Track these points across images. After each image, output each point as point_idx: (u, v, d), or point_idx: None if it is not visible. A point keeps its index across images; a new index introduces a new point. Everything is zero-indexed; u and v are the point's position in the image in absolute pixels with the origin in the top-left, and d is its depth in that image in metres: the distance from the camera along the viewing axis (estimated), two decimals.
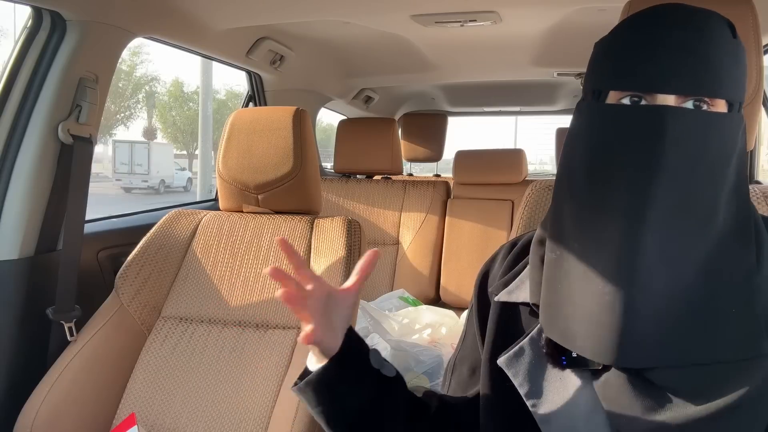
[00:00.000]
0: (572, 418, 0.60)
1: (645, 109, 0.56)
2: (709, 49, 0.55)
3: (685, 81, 0.55)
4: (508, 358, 0.64)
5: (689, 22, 0.56)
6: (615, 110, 0.58)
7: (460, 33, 1.84)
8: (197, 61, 14.25)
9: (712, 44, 0.55)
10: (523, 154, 2.50)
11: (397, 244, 2.30)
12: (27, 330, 1.19)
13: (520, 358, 0.64)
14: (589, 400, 0.59)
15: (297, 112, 1.29)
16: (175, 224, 1.33)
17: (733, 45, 0.57)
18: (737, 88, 0.57)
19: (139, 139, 23.80)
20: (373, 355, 0.67)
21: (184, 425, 1.12)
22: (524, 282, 0.69)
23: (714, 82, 0.55)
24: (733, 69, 0.56)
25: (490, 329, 0.69)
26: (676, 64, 0.55)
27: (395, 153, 2.45)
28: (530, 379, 0.63)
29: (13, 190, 1.19)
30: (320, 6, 1.50)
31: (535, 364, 0.63)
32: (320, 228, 1.27)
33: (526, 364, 0.63)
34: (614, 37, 0.61)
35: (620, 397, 0.56)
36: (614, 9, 0.83)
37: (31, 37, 1.21)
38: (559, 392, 0.61)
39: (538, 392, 0.62)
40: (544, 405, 0.61)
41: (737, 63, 0.57)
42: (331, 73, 2.45)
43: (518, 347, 0.64)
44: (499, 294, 0.70)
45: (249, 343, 1.18)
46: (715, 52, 0.55)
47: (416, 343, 1.52)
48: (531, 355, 0.64)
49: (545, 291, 0.62)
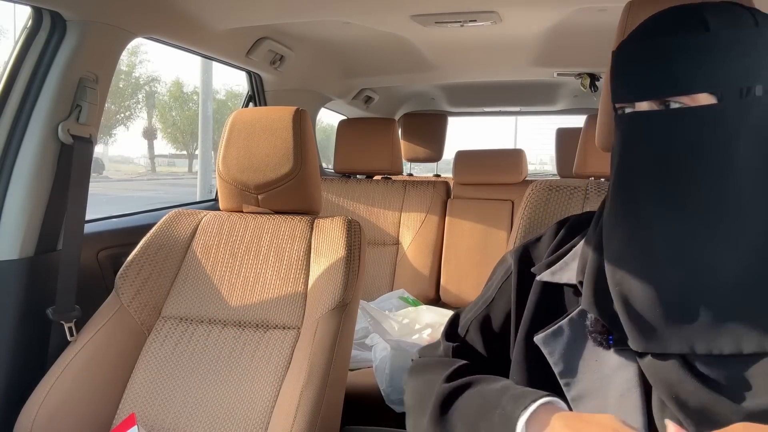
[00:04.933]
0: (605, 398, 0.60)
1: (628, 117, 0.60)
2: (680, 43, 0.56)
3: (647, 85, 0.58)
4: (546, 336, 0.65)
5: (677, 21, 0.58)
6: (626, 120, 0.61)
7: (460, 33, 1.84)
8: (197, 61, 14.28)
9: (687, 38, 0.56)
10: (523, 154, 2.50)
11: (397, 244, 2.30)
12: (27, 330, 1.19)
13: (558, 337, 0.65)
14: (623, 382, 0.60)
15: (297, 112, 1.29)
16: (175, 224, 1.33)
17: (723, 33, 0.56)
18: (728, 77, 0.56)
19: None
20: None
21: (184, 425, 1.12)
22: (568, 264, 0.69)
23: (679, 79, 0.56)
24: (716, 57, 0.56)
25: (530, 307, 0.70)
26: (645, 71, 0.58)
27: (395, 153, 2.45)
28: (566, 358, 0.64)
29: (13, 190, 1.19)
30: (320, 6, 1.50)
31: (572, 344, 0.64)
32: (320, 228, 1.27)
33: (564, 344, 0.64)
34: (618, 48, 0.63)
35: (669, 375, 0.56)
36: (614, 9, 0.84)
37: (31, 37, 1.21)
38: (593, 373, 0.62)
39: (573, 372, 0.63)
40: (577, 385, 0.62)
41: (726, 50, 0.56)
42: (331, 73, 2.45)
43: (557, 326, 0.65)
44: (542, 274, 0.71)
45: (249, 343, 1.18)
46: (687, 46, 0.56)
47: (416, 343, 1.52)
48: (569, 335, 0.64)
49: (601, 274, 0.62)
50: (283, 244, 1.28)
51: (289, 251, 1.27)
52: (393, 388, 1.65)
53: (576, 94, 3.09)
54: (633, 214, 0.59)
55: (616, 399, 0.60)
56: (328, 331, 1.12)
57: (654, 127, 0.57)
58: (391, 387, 1.65)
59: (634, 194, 0.59)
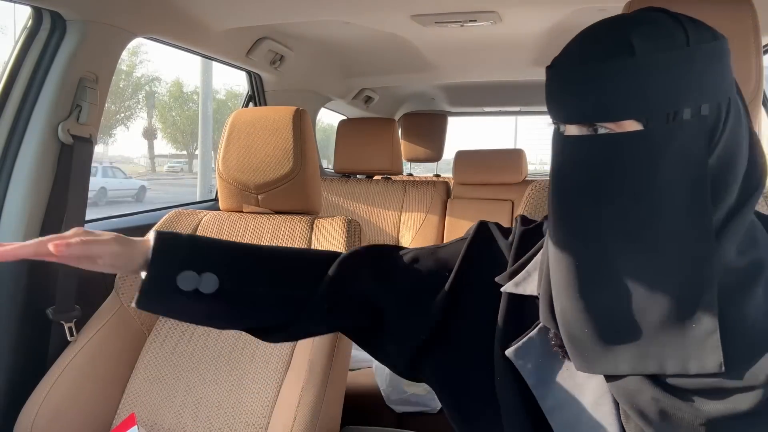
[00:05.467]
0: (579, 408, 0.60)
1: (556, 138, 0.61)
2: (609, 68, 0.54)
3: (575, 109, 0.57)
4: (517, 349, 0.65)
5: (602, 44, 0.57)
6: (554, 138, 0.62)
7: (460, 33, 1.84)
8: (197, 61, 14.27)
9: (615, 62, 0.54)
10: (523, 154, 2.50)
11: (397, 244, 2.30)
12: (27, 330, 1.19)
13: (529, 348, 0.64)
14: (596, 392, 0.60)
15: (297, 112, 1.29)
16: (176, 224, 1.33)
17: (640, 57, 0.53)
18: (648, 102, 0.54)
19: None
20: (183, 278, 0.70)
21: (184, 425, 1.12)
22: (531, 274, 0.69)
23: (605, 105, 0.55)
24: (641, 84, 0.54)
25: (500, 318, 0.70)
26: (569, 93, 0.57)
27: (395, 153, 2.45)
28: (538, 370, 0.63)
29: (13, 190, 1.19)
30: (320, 6, 1.50)
31: (544, 355, 0.64)
32: (320, 228, 1.27)
33: (535, 355, 0.64)
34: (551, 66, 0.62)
35: (628, 384, 0.56)
36: (614, 9, 0.83)
37: (31, 37, 1.21)
38: (566, 383, 0.62)
39: (546, 383, 0.63)
40: (551, 396, 0.62)
41: (653, 76, 0.53)
42: (331, 73, 2.45)
43: (527, 338, 0.65)
44: (506, 285, 0.70)
45: (249, 343, 1.18)
46: (614, 71, 0.54)
47: None
48: (540, 345, 0.64)
49: (545, 285, 0.63)
50: (283, 244, 1.28)
51: None
52: (393, 388, 1.65)
53: None
54: (564, 232, 0.59)
55: (589, 409, 0.60)
56: None
57: (582, 151, 0.57)
58: (391, 387, 1.66)
59: (565, 212, 0.59)
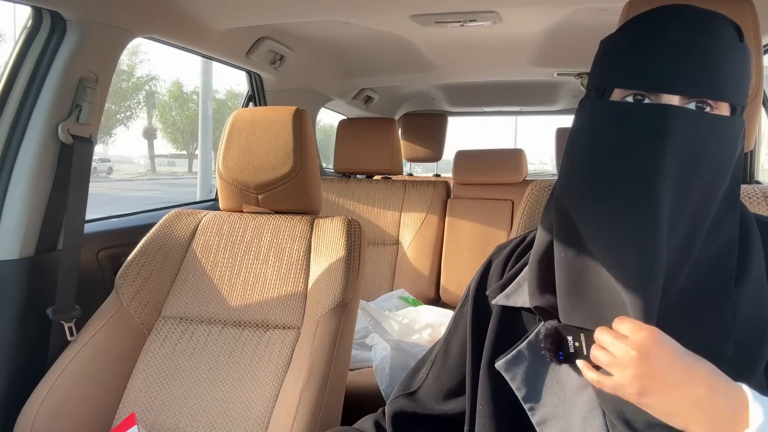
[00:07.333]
0: (568, 420, 0.60)
1: (649, 108, 0.56)
2: (716, 51, 0.55)
3: (690, 82, 0.55)
4: (506, 362, 0.64)
5: (696, 24, 0.56)
6: (619, 107, 0.58)
7: (460, 33, 1.84)
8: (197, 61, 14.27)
9: (719, 47, 0.55)
10: (523, 154, 2.50)
11: (397, 244, 2.30)
12: (27, 330, 1.19)
13: (519, 361, 0.64)
14: (586, 403, 0.60)
15: (297, 112, 1.29)
16: (175, 224, 1.33)
17: (739, 48, 0.56)
18: (741, 92, 0.57)
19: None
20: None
21: (184, 425, 1.12)
22: (521, 285, 0.68)
23: (718, 84, 0.55)
24: (737, 73, 0.56)
25: (491, 332, 0.69)
26: (682, 65, 0.55)
27: (395, 153, 2.45)
28: (528, 382, 0.63)
29: (13, 190, 1.19)
30: (320, 6, 1.50)
31: (533, 367, 0.63)
32: (320, 228, 1.27)
33: (525, 368, 0.63)
34: (621, 35, 0.60)
35: (615, 395, 0.56)
36: (614, 9, 0.84)
37: (31, 37, 1.21)
38: (556, 395, 0.62)
39: (536, 396, 0.62)
40: (541, 409, 0.62)
41: (742, 67, 0.57)
42: (331, 73, 2.45)
43: (516, 351, 0.64)
44: (496, 298, 0.70)
45: (249, 343, 1.18)
46: (721, 54, 0.55)
47: (416, 343, 1.52)
48: (529, 358, 0.64)
49: (561, 284, 0.62)
50: (283, 244, 1.28)
51: (289, 251, 1.27)
52: (393, 388, 1.65)
53: (576, 94, 3.09)
54: (597, 197, 0.58)
55: (580, 421, 0.59)
56: (328, 330, 1.12)
57: (674, 123, 0.54)
58: (391, 387, 1.65)
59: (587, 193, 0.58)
